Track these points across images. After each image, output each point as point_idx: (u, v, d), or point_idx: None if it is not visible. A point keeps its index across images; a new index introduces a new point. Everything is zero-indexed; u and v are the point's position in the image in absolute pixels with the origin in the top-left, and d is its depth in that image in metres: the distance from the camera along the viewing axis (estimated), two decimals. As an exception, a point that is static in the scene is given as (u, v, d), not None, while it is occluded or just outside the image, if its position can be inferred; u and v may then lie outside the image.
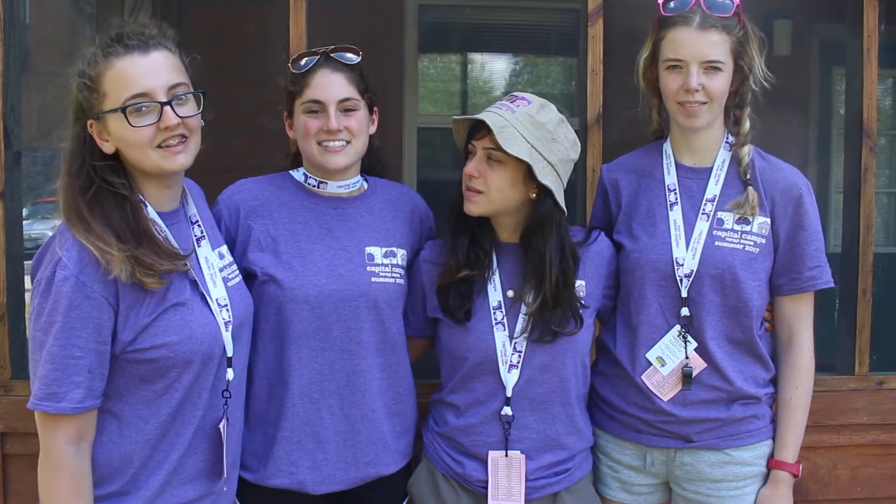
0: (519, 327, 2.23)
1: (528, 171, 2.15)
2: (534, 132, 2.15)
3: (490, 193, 2.20)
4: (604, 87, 2.84)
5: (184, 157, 1.92)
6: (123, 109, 1.84)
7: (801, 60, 5.80)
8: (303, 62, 2.25)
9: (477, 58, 6.36)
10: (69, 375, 1.81)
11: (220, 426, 1.99)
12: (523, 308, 2.24)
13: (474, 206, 2.22)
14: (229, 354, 2.00)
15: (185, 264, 1.93)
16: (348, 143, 2.24)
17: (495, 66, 6.46)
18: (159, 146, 1.88)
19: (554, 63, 6.47)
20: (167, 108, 1.86)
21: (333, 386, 2.22)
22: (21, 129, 2.92)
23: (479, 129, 2.19)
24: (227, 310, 2.01)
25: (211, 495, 2.02)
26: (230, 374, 2.01)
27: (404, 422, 2.36)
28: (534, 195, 2.19)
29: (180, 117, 1.88)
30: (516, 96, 2.22)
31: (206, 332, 1.94)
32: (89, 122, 1.90)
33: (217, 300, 2.00)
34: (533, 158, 2.13)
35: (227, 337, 1.99)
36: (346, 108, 2.23)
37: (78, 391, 1.82)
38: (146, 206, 1.94)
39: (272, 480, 2.22)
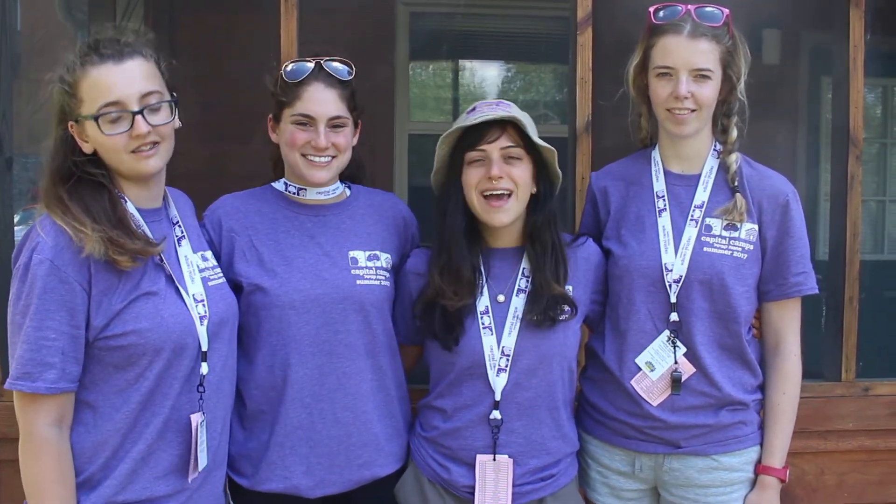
0: (516, 310, 2.25)
1: (534, 167, 2.23)
2: (533, 128, 2.24)
3: (519, 192, 2.21)
4: (593, 95, 2.86)
5: (155, 161, 1.99)
6: (96, 118, 1.91)
7: (789, 69, 5.84)
8: (295, 71, 2.24)
9: (468, 65, 6.38)
10: (43, 356, 1.87)
11: (192, 416, 2.01)
12: (511, 311, 2.25)
13: (506, 215, 2.22)
14: (204, 349, 2.03)
15: (158, 251, 1.97)
16: (334, 157, 2.26)
17: (486, 74, 6.49)
18: (132, 151, 1.95)
19: (545, 70, 6.50)
20: (139, 117, 1.93)
21: (324, 390, 2.23)
22: (12, 135, 2.92)
23: (486, 133, 2.19)
24: (204, 305, 2.05)
25: (185, 491, 2.03)
26: (204, 368, 2.03)
27: (396, 424, 2.37)
28: (535, 191, 2.25)
29: (152, 126, 1.94)
30: (496, 102, 2.26)
31: (178, 321, 1.98)
32: (70, 124, 1.96)
33: (193, 295, 2.04)
34: (548, 149, 2.22)
35: (201, 331, 2.02)
36: (335, 124, 2.25)
37: (52, 372, 1.87)
38: (126, 202, 2.00)
39: (266, 485, 2.23)
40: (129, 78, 1.93)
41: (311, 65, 2.25)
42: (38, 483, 1.91)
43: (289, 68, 2.26)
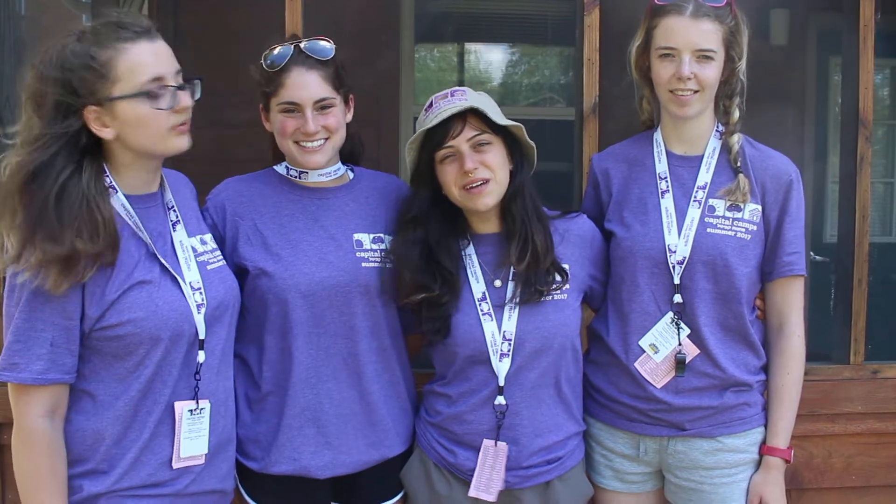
0: (508, 295, 2.25)
1: (505, 145, 2.23)
2: (494, 108, 2.23)
3: (497, 175, 2.21)
4: (600, 77, 2.84)
5: (187, 140, 1.99)
6: (146, 92, 1.88)
7: (798, 50, 5.80)
8: (274, 59, 2.20)
9: (473, 48, 6.35)
10: (31, 347, 1.87)
11: (176, 404, 2.00)
12: (508, 295, 2.25)
13: (490, 198, 2.21)
14: (201, 337, 2.02)
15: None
16: (326, 139, 2.24)
17: (492, 56, 6.46)
18: (171, 127, 1.94)
19: (551, 52, 6.47)
20: (181, 91, 1.92)
21: (329, 370, 2.24)
22: (16, 119, 2.92)
23: (449, 128, 2.18)
24: (201, 293, 2.03)
25: (189, 474, 2.03)
26: (201, 356, 2.03)
27: (403, 405, 2.37)
28: (511, 167, 2.25)
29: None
30: (450, 91, 2.24)
31: (174, 308, 1.96)
32: (88, 109, 1.89)
33: (190, 283, 2.02)
34: (515, 126, 2.22)
35: (198, 319, 2.01)
36: (322, 106, 2.21)
37: (39, 363, 1.87)
38: (116, 192, 1.96)
39: (276, 467, 2.24)
40: (165, 55, 1.93)
41: (288, 50, 2.21)
42: (29, 473, 1.91)
43: (267, 58, 2.22)
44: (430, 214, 2.27)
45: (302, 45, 2.21)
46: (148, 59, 1.90)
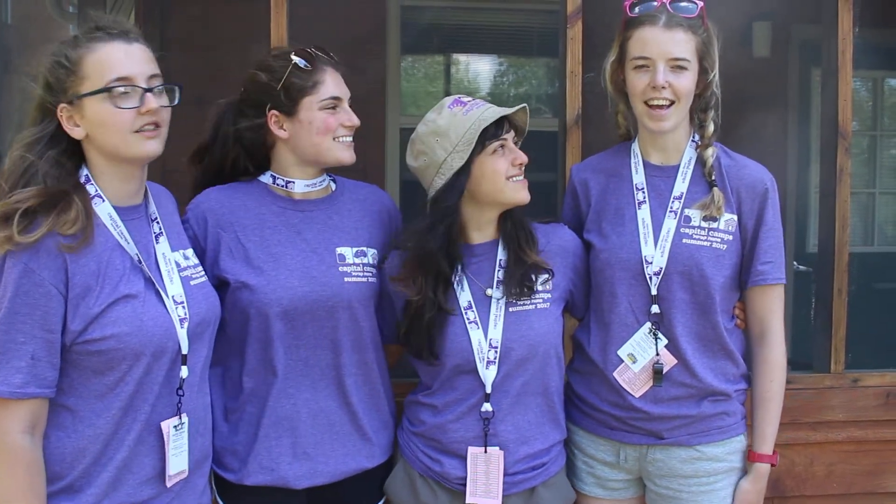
0: (498, 296, 2.27)
1: None
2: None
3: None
4: (583, 89, 2.87)
5: (156, 144, 1.95)
6: (109, 90, 1.88)
7: (780, 61, 5.85)
8: (309, 58, 2.24)
9: (460, 59, 6.38)
10: (10, 360, 1.82)
11: (163, 423, 1.97)
12: (494, 303, 2.27)
13: (527, 192, 2.29)
14: (184, 352, 1.99)
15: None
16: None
17: (478, 67, 6.48)
18: (136, 131, 1.91)
19: (538, 63, 6.51)
20: (148, 94, 1.91)
21: (308, 381, 2.24)
22: (2, 130, 2.91)
23: (503, 124, 2.25)
24: (184, 307, 2.01)
25: (169, 493, 2.01)
26: (184, 371, 2.00)
27: (382, 417, 2.38)
28: None
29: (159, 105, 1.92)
30: (470, 97, 2.31)
31: (158, 324, 1.94)
32: (60, 107, 1.91)
33: (173, 297, 2.00)
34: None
35: (181, 334, 1.98)
36: (350, 104, 2.30)
37: (18, 376, 1.82)
38: (103, 201, 1.95)
39: (253, 478, 2.23)
40: (138, 57, 1.93)
41: (319, 53, 2.28)
42: (7, 492, 1.84)
43: (301, 59, 2.24)
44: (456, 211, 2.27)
45: (329, 54, 2.28)
46: (117, 57, 1.90)
